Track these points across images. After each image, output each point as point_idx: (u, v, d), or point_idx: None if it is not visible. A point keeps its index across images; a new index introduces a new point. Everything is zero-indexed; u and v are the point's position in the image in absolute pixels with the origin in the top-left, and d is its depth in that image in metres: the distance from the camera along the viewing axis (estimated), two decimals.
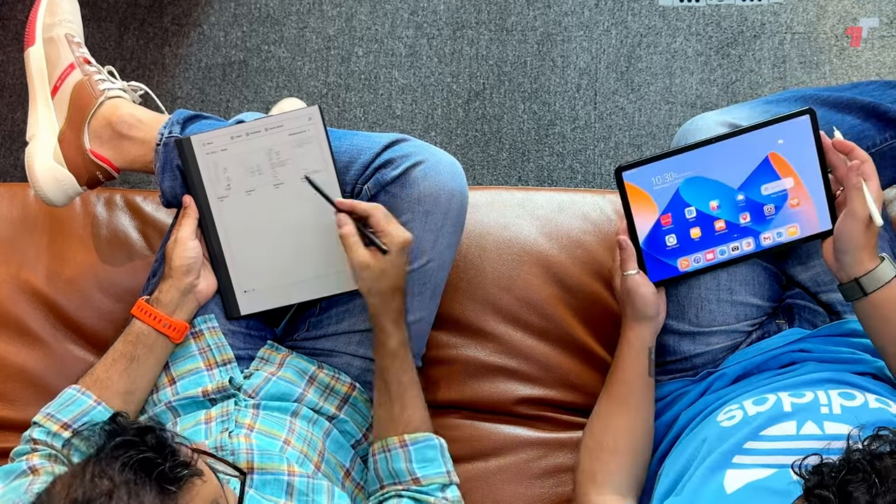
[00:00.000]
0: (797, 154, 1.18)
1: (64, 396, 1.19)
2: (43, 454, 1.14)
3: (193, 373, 1.26)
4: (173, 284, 1.23)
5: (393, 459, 1.17)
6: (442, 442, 1.19)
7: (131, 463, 0.81)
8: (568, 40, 2.03)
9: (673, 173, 1.20)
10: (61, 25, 1.34)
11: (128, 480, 0.80)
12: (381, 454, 1.18)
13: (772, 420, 1.08)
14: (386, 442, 1.17)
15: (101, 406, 1.18)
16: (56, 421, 1.16)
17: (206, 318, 1.28)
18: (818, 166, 1.18)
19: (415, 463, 1.16)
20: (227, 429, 1.17)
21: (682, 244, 1.22)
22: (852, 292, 1.12)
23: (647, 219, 1.22)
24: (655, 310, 1.22)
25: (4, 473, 1.11)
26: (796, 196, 1.19)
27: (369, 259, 1.14)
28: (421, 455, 1.17)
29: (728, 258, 1.22)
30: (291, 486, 1.10)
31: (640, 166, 1.20)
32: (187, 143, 1.26)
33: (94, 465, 0.82)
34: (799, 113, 1.17)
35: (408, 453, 1.16)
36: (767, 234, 1.22)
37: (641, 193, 1.21)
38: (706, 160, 1.19)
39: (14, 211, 1.47)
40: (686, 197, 1.21)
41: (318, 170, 1.25)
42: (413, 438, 1.17)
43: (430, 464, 1.17)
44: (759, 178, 1.20)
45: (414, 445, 1.17)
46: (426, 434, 1.18)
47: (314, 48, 2.08)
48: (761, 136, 1.18)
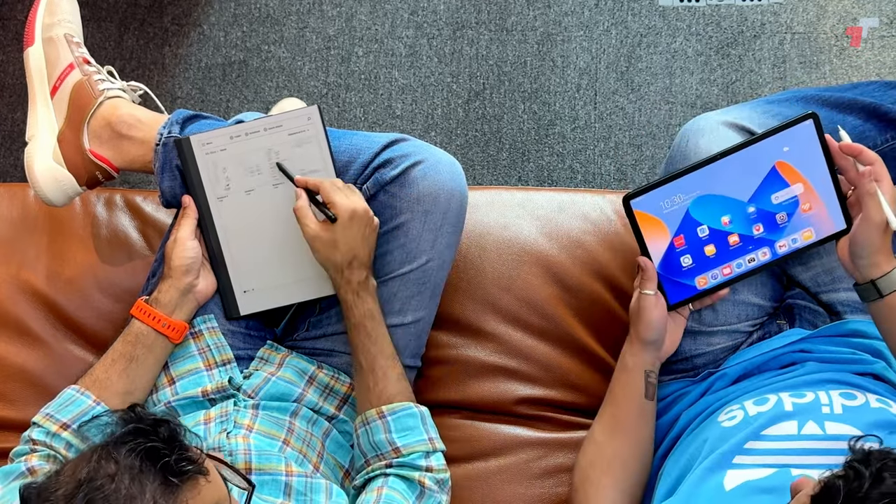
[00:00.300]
0: (804, 159, 1.17)
1: (63, 397, 1.19)
2: (42, 455, 1.14)
3: (193, 373, 1.26)
4: (172, 284, 1.23)
5: (373, 432, 1.16)
6: (423, 410, 1.19)
7: (138, 450, 0.82)
8: (568, 40, 2.03)
9: (681, 195, 1.19)
10: (60, 25, 1.34)
11: (132, 466, 0.81)
12: (361, 428, 1.18)
13: (773, 420, 1.08)
14: (365, 416, 1.17)
15: (100, 406, 1.17)
16: (55, 421, 1.16)
17: (206, 319, 1.28)
18: (826, 168, 1.17)
19: (394, 433, 1.16)
20: (225, 429, 1.17)
21: (698, 263, 1.21)
22: (868, 294, 1.11)
23: (659, 243, 1.21)
24: (657, 335, 1.21)
25: (3, 474, 1.11)
26: (807, 201, 1.18)
27: (318, 230, 1.17)
28: (400, 424, 1.16)
29: (746, 270, 1.22)
30: (289, 485, 1.10)
31: (646, 192, 1.19)
32: (186, 144, 1.26)
33: (103, 449, 0.83)
34: (802, 118, 1.16)
35: (386, 424, 1.16)
36: (783, 242, 1.21)
37: (651, 219, 1.20)
38: (713, 177, 1.18)
39: (14, 211, 1.47)
40: (697, 216, 1.20)
41: (318, 169, 1.25)
42: (391, 409, 1.17)
43: (410, 432, 1.16)
44: (768, 188, 1.19)
45: (392, 416, 1.16)
46: (404, 403, 1.18)
47: (314, 48, 2.08)
48: (766, 146, 1.17)
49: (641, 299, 1.20)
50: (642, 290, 1.21)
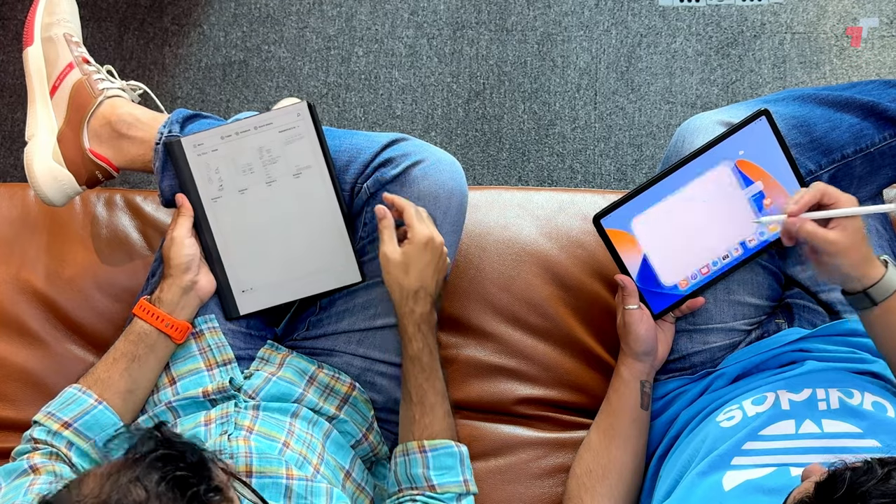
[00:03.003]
0: (763, 155, 1.20)
1: (65, 395, 1.19)
2: (44, 453, 1.14)
3: (194, 373, 1.26)
4: (174, 283, 1.23)
5: (411, 464, 1.17)
6: (462, 450, 1.19)
7: (168, 478, 0.81)
8: (568, 40, 2.03)
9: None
10: (60, 25, 1.34)
11: (160, 494, 0.80)
12: (401, 457, 1.19)
13: (771, 420, 1.08)
14: (406, 446, 1.18)
15: (101, 405, 1.18)
16: (56, 420, 1.16)
17: (207, 318, 1.28)
18: (786, 161, 1.20)
19: (432, 470, 1.17)
20: (226, 431, 1.16)
21: (675, 269, 1.23)
22: (860, 303, 1.09)
23: (634, 257, 1.23)
24: (648, 347, 1.22)
25: (5, 473, 1.11)
26: (770, 195, 1.21)
27: (392, 252, 1.17)
28: (439, 462, 1.17)
29: (724, 267, 1.23)
30: (290, 489, 1.10)
31: (615, 210, 1.21)
32: (178, 145, 1.26)
33: (131, 469, 0.82)
34: (754, 116, 1.19)
35: (426, 459, 1.17)
36: (751, 237, 1.23)
37: (623, 234, 1.22)
38: (677, 186, 1.21)
39: (14, 211, 1.47)
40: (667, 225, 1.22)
41: (310, 165, 1.25)
42: (432, 445, 1.17)
43: (448, 472, 1.17)
44: None
45: (432, 452, 1.17)
46: (446, 441, 1.18)
47: (314, 48, 2.08)
48: (724, 148, 1.20)
49: (626, 315, 1.22)
50: (625, 307, 1.22)
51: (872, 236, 1.27)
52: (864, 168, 1.25)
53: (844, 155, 1.24)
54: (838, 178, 1.25)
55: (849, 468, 0.77)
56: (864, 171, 1.25)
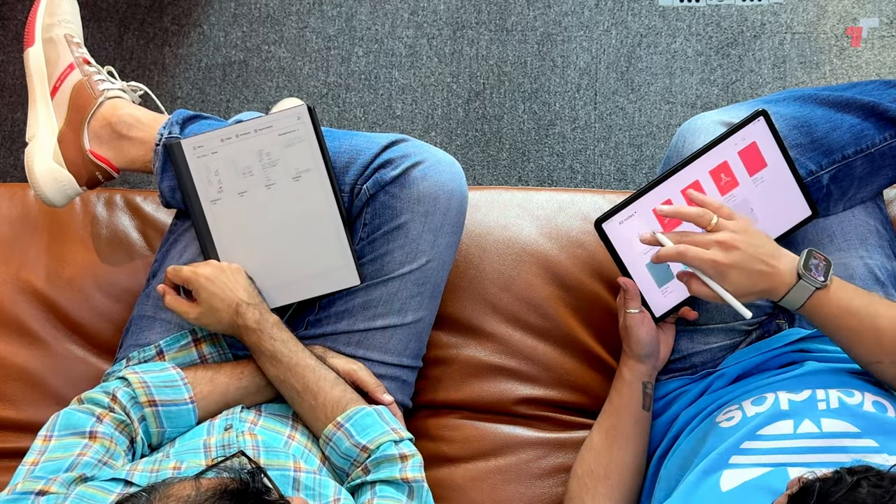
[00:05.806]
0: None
1: (165, 375, 1.17)
2: (116, 419, 1.12)
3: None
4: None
5: (337, 444, 1.15)
6: (377, 408, 1.18)
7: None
8: (568, 40, 2.03)
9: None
10: (60, 26, 1.35)
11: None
12: (327, 448, 1.17)
13: (769, 419, 1.08)
14: (324, 434, 1.17)
15: (192, 405, 1.16)
16: (148, 395, 1.14)
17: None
18: (783, 160, 1.20)
19: (357, 436, 1.15)
20: (230, 425, 1.16)
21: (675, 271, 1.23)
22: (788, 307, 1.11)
23: (636, 260, 1.22)
24: (649, 350, 1.22)
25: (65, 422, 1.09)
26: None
27: (191, 308, 1.23)
28: (359, 426, 1.15)
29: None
30: (297, 480, 1.10)
31: (616, 213, 1.20)
32: (178, 147, 1.26)
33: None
34: (753, 117, 1.19)
35: (346, 431, 1.15)
36: None
37: (624, 238, 1.21)
38: (677, 188, 1.20)
39: (14, 211, 1.47)
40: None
41: (309, 168, 1.25)
42: (345, 417, 1.16)
43: (370, 428, 1.15)
44: None
45: (348, 422, 1.15)
46: (355, 407, 1.17)
47: (314, 48, 2.08)
48: (723, 148, 1.20)
49: (627, 318, 1.22)
50: (627, 310, 1.22)
51: (873, 236, 1.27)
52: (864, 168, 1.25)
53: (845, 155, 1.24)
54: (839, 179, 1.25)
55: (819, 479, 0.79)
56: (865, 172, 1.25)
